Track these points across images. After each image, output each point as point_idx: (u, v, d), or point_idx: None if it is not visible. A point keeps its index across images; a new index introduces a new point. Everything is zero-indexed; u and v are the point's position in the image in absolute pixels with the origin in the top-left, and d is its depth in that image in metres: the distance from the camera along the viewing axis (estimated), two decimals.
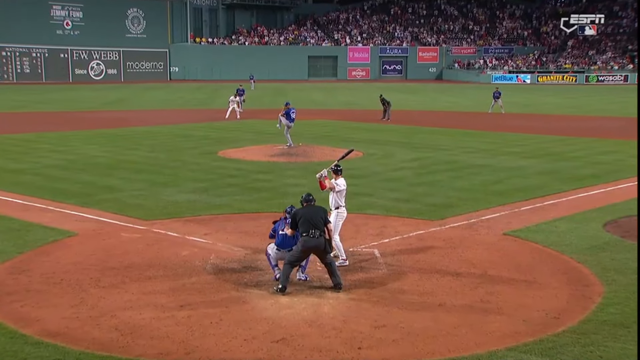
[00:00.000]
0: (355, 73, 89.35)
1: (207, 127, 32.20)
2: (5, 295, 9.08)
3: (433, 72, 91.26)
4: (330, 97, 56.10)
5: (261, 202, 15.45)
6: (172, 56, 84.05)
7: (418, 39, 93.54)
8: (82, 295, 9.17)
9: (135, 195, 16.05)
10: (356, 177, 18.91)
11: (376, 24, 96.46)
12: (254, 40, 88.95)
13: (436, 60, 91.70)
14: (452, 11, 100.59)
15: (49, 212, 14.28)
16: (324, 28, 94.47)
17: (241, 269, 10.41)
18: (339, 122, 35.59)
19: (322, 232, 9.54)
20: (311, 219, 9.51)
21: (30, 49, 73.26)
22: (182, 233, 12.54)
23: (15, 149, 24.00)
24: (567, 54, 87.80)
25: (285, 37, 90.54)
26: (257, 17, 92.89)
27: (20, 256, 10.94)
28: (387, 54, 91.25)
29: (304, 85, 72.86)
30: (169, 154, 23.22)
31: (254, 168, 20.34)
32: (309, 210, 9.66)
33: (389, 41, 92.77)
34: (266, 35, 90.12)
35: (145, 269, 10.37)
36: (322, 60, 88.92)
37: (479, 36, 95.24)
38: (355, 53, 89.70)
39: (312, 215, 9.56)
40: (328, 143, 26.18)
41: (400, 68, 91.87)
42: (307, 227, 9.47)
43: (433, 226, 13.29)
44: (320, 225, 9.54)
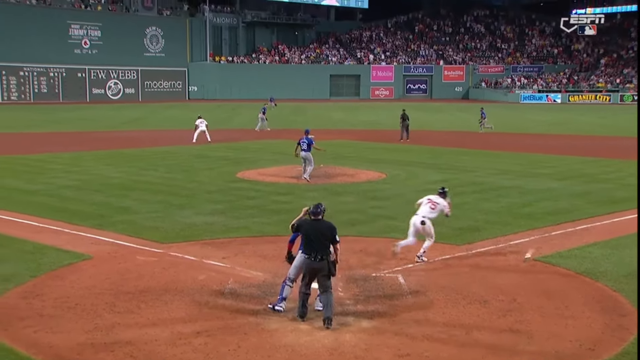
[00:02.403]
0: (378, 92, 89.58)
1: (225, 148, 32.41)
2: (18, 320, 9.16)
3: (459, 91, 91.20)
4: (351, 116, 56.25)
5: (280, 224, 15.42)
6: (190, 75, 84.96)
7: (443, 57, 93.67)
8: (97, 320, 9.22)
9: (151, 217, 16.17)
10: (379, 199, 18.89)
11: (400, 42, 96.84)
12: (274, 58, 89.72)
13: (462, 79, 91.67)
14: (479, 29, 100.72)
15: (64, 234, 14.43)
16: (346, 46, 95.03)
17: (260, 294, 10.40)
18: (361, 142, 35.63)
19: (325, 255, 9.05)
20: (315, 239, 8.97)
21: (48, 69, 74.54)
22: (199, 256, 12.59)
23: (29, 170, 24.33)
24: (600, 72, 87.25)
25: (307, 55, 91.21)
26: (278, 35, 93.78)
27: (34, 280, 11.04)
28: (411, 72, 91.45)
29: (325, 105, 73.17)
30: (185, 174, 23.39)
31: (273, 189, 20.39)
32: (314, 226, 9.08)
33: (414, 59, 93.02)
34: (287, 53, 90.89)
35: (161, 293, 10.41)
36: (345, 79, 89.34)
37: (507, 54, 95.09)
38: (378, 72, 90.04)
39: (316, 234, 9.00)
40: (349, 164, 26.20)
41: (425, 87, 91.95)
42: (309, 247, 9.02)
43: (459, 251, 13.19)
44: (324, 247, 9.00)
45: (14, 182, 21.38)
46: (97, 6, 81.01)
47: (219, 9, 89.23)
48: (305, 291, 9.28)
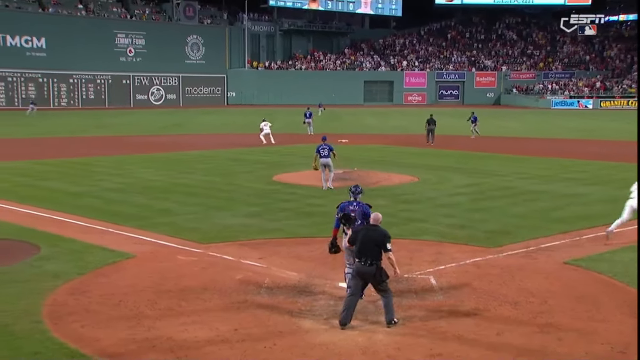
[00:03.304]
0: (411, 98, 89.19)
1: (261, 151, 32.61)
2: (68, 315, 9.36)
3: (491, 97, 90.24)
4: (384, 121, 56.09)
5: (314, 227, 15.49)
6: (229, 81, 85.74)
7: (475, 64, 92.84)
8: (139, 316, 9.36)
9: (191, 218, 16.35)
10: (410, 202, 18.81)
11: (433, 49, 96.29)
12: (310, 65, 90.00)
13: (494, 85, 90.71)
14: (511, 35, 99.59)
15: (108, 234, 14.69)
16: (380, 53, 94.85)
17: (295, 293, 10.45)
18: (393, 147, 35.52)
19: (375, 260, 9.10)
20: (368, 244, 9.07)
21: (95, 76, 76.04)
22: (237, 257, 12.69)
23: (76, 173, 24.83)
24: (632, 78, 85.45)
25: (342, 61, 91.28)
26: (314, 43, 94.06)
27: (81, 277, 11.26)
28: (443, 78, 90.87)
29: (358, 110, 73.12)
30: (223, 177, 23.60)
31: (307, 193, 20.45)
32: (368, 233, 9.21)
33: (446, 66, 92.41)
34: (322, 60, 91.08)
35: (200, 292, 10.52)
36: (378, 85, 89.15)
37: (538, 60, 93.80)
38: (411, 78, 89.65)
39: (369, 240, 9.10)
40: (382, 168, 26.14)
41: (457, 93, 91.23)
42: (361, 252, 9.14)
43: (490, 253, 13.06)
44: (374, 253, 9.05)
45: (62, 185, 21.84)
46: (141, 16, 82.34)
47: (257, 17, 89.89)
48: (351, 295, 9.23)
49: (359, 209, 10.36)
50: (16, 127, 48.24)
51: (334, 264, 12.06)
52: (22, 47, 71.62)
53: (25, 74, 71.69)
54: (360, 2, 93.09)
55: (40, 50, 72.82)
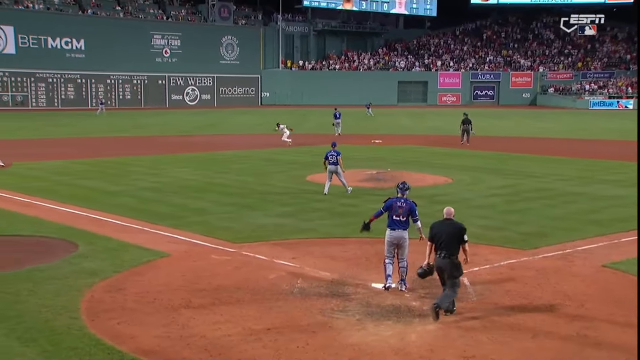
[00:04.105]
0: (445, 98, 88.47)
1: (295, 152, 32.70)
2: (104, 312, 9.53)
3: (527, 97, 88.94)
4: (418, 122, 55.79)
5: (347, 227, 15.49)
6: (263, 81, 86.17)
7: (511, 64, 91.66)
8: (173, 315, 9.48)
9: (225, 218, 16.50)
10: (445, 203, 18.55)
11: (468, 49, 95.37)
12: (344, 65, 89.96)
13: (530, 86, 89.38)
14: (548, 35, 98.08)
15: (144, 233, 14.90)
16: (414, 53, 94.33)
17: (328, 293, 10.47)
18: (427, 147, 35.30)
19: (451, 254, 9.35)
20: (446, 238, 9.35)
21: (132, 76, 77.18)
22: (270, 256, 12.76)
23: (113, 172, 25.24)
24: None
25: (375, 62, 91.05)
26: (348, 43, 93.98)
27: (117, 275, 11.46)
28: (478, 79, 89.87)
29: (392, 111, 72.84)
30: (257, 177, 23.74)
31: (340, 192, 20.45)
32: (445, 228, 9.48)
33: (481, 66, 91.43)
34: (356, 60, 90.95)
35: (233, 291, 10.61)
36: (412, 85, 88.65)
37: (577, 60, 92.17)
38: (445, 78, 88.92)
39: (447, 234, 9.38)
40: (416, 168, 26.00)
41: (492, 93, 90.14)
42: (439, 245, 9.40)
43: (525, 255, 12.90)
44: (451, 246, 9.35)
45: (100, 184, 22.23)
46: (177, 17, 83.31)
47: (291, 18, 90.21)
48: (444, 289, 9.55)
49: (406, 205, 10.66)
50: (56, 127, 49.24)
51: (367, 264, 12.06)
52: (62, 49, 73.06)
53: (65, 75, 73.11)
54: (394, 2, 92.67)
55: (79, 51, 74.19)
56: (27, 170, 25.60)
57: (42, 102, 72.09)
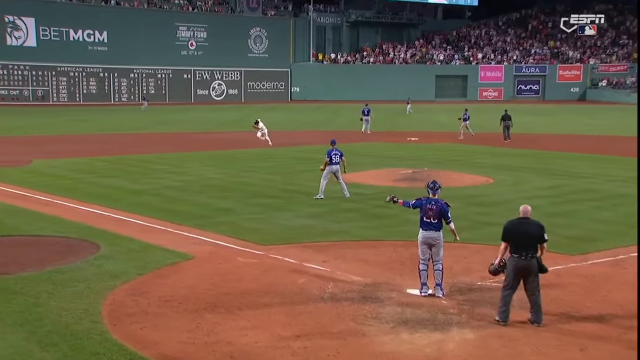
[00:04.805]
0: (486, 94, 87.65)
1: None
2: (126, 317, 9.66)
3: (575, 92, 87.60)
4: (454, 119, 55.37)
5: (381, 229, 15.47)
6: (293, 76, 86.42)
7: (558, 56, 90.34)
8: (198, 320, 9.56)
9: (252, 218, 16.59)
10: (485, 205, 18.53)
11: (511, 40, 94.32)
12: (378, 58, 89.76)
13: (579, 79, 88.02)
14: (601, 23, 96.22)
15: (167, 233, 15.06)
16: (453, 45, 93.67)
17: (360, 299, 10.46)
18: (466, 145, 35.04)
19: (534, 253, 9.35)
20: (525, 239, 9.32)
21: (156, 70, 78.06)
22: (299, 259, 12.80)
23: (135, 170, 25.58)
24: None
25: (412, 54, 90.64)
26: (382, 35, 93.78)
27: (140, 278, 11.60)
28: (522, 72, 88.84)
29: (429, 107, 72.46)
30: (285, 176, 23.83)
31: (373, 193, 20.41)
32: (523, 227, 9.44)
33: (526, 58, 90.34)
34: (391, 53, 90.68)
35: (261, 295, 10.66)
36: (451, 79, 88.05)
37: (632, 50, 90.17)
38: (487, 72, 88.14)
39: (526, 234, 9.35)
40: (454, 168, 25.83)
41: (538, 88, 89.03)
42: (518, 247, 9.34)
43: (573, 261, 12.72)
44: (533, 245, 9.33)
45: (122, 182, 22.55)
46: (203, 8, 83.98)
47: (323, 8, 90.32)
48: (508, 291, 9.44)
49: (436, 207, 10.57)
50: (78, 123, 50.06)
51: (401, 269, 12.02)
52: (84, 42, 74.27)
53: (87, 69, 74.26)
54: None
55: (102, 44, 75.33)
56: (47, 168, 26.08)
57: (64, 97, 73.36)
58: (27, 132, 42.73)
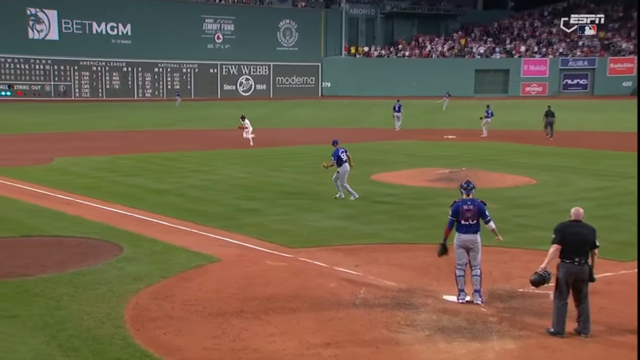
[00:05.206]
0: (529, 89, 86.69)
1: (357, 148, 32.61)
2: (150, 321, 9.77)
3: (628, 86, 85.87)
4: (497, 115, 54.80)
5: (415, 232, 15.42)
6: (324, 70, 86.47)
7: (609, 48, 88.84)
8: (224, 325, 9.62)
9: (280, 220, 16.66)
10: (526, 207, 18.36)
11: (557, 31, 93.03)
12: (414, 52, 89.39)
13: (632, 72, 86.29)
14: None
15: (192, 235, 15.21)
16: (494, 37, 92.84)
17: (394, 305, 10.44)
18: (507, 144, 34.75)
19: (587, 258, 9.26)
20: (578, 243, 9.20)
21: (181, 65, 78.73)
22: (330, 263, 12.82)
23: (159, 168, 25.87)
24: None
25: (450, 47, 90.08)
26: (419, 27, 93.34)
27: (164, 281, 11.72)
28: (569, 66, 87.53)
29: (468, 103, 71.93)
30: (315, 176, 23.84)
31: (408, 194, 20.37)
32: (576, 230, 9.31)
33: (572, 51, 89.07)
34: (428, 46, 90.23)
35: (289, 300, 10.70)
36: (491, 74, 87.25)
37: None
38: (530, 65, 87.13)
39: (579, 237, 9.23)
40: (494, 168, 25.64)
41: (586, 82, 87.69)
42: (571, 252, 9.22)
43: (622, 268, 12.55)
44: (585, 250, 9.24)
45: (145, 181, 22.81)
46: None
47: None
48: (563, 302, 9.31)
49: (473, 207, 10.53)
50: (100, 120, 50.76)
51: (437, 274, 11.96)
52: (107, 35, 75.23)
53: (110, 63, 75.20)
54: None
55: (125, 37, 76.22)
56: (69, 166, 26.50)
57: (86, 92, 74.40)
58: (48, 129, 43.46)
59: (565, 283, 9.29)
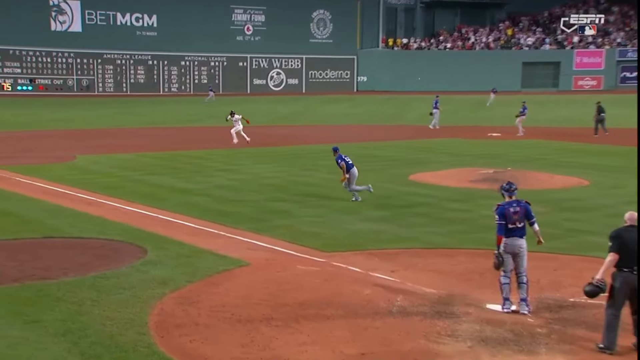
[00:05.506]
0: (582, 83, 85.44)
1: (394, 146, 32.63)
2: (175, 328, 9.86)
3: None
4: (544, 112, 54.31)
5: (456, 235, 15.35)
6: (360, 64, 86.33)
7: None
8: (253, 333, 9.68)
9: (312, 222, 16.71)
10: (577, 210, 18.16)
11: (615, 19, 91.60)
12: (456, 44, 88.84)
13: None
14: None
15: (219, 237, 15.32)
16: (544, 27, 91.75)
17: (433, 314, 10.40)
18: (557, 142, 34.39)
19: None
20: (634, 249, 8.87)
21: (209, 58, 79.19)
22: (365, 268, 12.82)
23: (184, 167, 26.12)
24: None
25: (495, 38, 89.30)
26: (462, 17, 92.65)
27: (190, 286, 11.83)
28: (628, 57, 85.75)
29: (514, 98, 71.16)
30: None
31: (448, 195, 20.28)
32: (633, 236, 9.04)
33: (632, 41, 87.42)
34: (472, 37, 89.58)
35: (322, 307, 10.73)
36: (540, 67, 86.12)
37: None
38: (584, 57, 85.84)
39: (635, 243, 8.91)
40: (542, 168, 25.41)
41: None
42: (628, 259, 8.96)
43: None
44: None
45: (171, 180, 23.04)
46: None
47: None
48: (615, 314, 9.11)
49: (520, 209, 10.45)
50: (124, 116, 51.38)
51: (480, 281, 11.90)
52: (132, 26, 75.99)
53: (135, 56, 75.97)
54: None
55: (151, 29, 76.92)
56: (91, 164, 26.90)
57: (109, 87, 75.27)
58: (70, 125, 44.14)
59: (622, 293, 9.07)
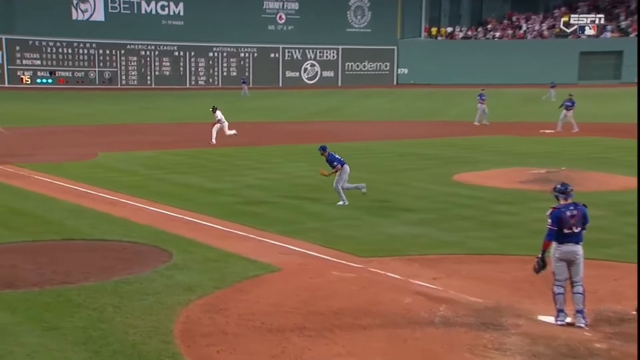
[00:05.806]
0: None
1: (437, 144, 32.47)
2: (202, 337, 9.92)
3: None
4: (603, 107, 53.76)
5: (504, 240, 15.25)
6: (400, 55, 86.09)
7: None
8: (284, 343, 9.70)
9: (348, 225, 16.73)
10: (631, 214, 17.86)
11: None
12: (506, 32, 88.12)
13: None
14: None
15: (249, 240, 15.39)
16: (605, 13, 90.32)
17: (479, 325, 10.34)
18: (617, 139, 33.96)
19: None
20: None
21: (239, 48, 79.49)
22: (404, 275, 12.79)
23: (212, 165, 26.31)
24: None
25: (550, 26, 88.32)
26: (512, 3, 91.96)
27: (217, 292, 11.90)
28: None
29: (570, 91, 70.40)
30: (388, 175, 23.84)
31: (495, 197, 20.14)
32: None
33: None
34: (523, 25, 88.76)
35: (358, 317, 10.71)
36: (600, 57, 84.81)
37: None
38: None
39: None
40: (600, 168, 25.12)
41: None
42: None
43: None
44: None
45: (198, 180, 23.21)
46: None
47: None
48: None
49: (577, 212, 10.30)
50: (148, 111, 51.89)
51: (531, 290, 11.79)
52: (157, 15, 76.54)
53: (160, 47, 76.54)
54: None
55: (177, 18, 77.45)
56: (114, 162, 27.20)
57: (133, 80, 75.96)
58: (92, 121, 44.69)
59: None
